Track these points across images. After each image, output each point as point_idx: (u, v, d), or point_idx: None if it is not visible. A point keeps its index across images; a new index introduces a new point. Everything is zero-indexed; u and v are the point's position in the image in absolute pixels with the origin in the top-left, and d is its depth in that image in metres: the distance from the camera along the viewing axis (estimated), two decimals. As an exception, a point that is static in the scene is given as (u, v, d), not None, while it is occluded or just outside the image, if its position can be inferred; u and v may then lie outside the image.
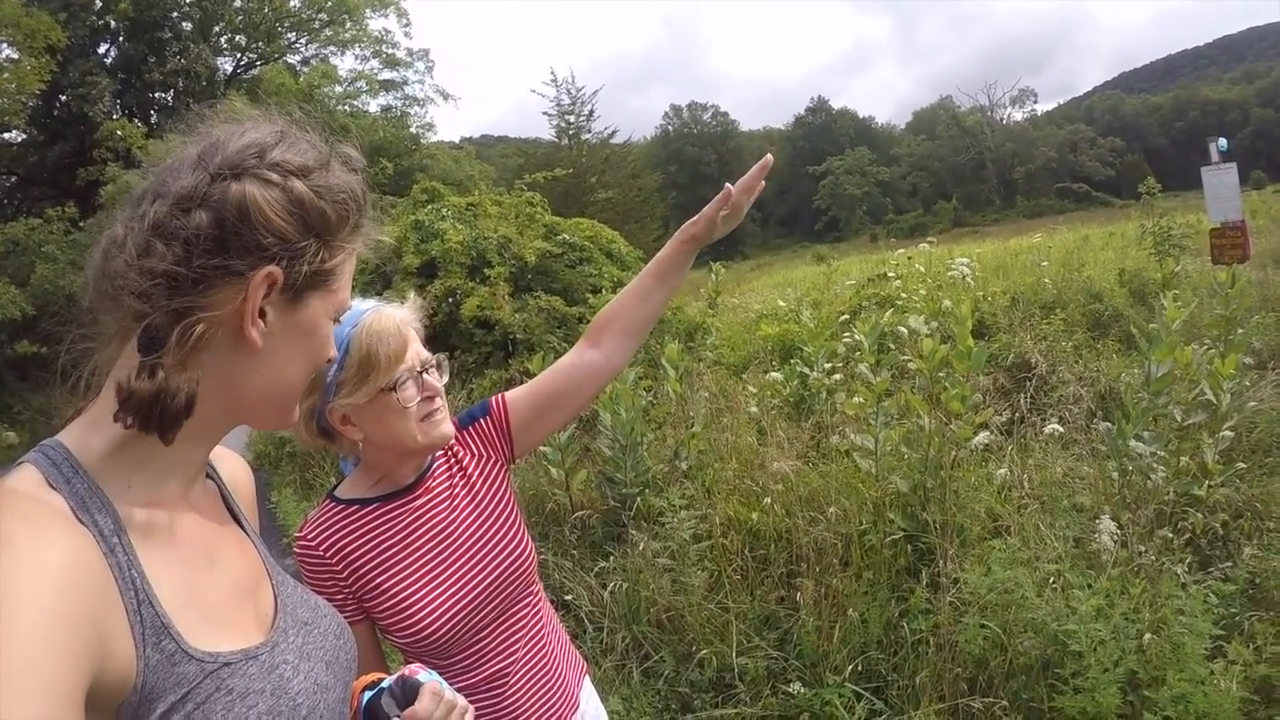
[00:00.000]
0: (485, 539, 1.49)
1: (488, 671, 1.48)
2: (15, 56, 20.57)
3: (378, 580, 1.43)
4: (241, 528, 1.02)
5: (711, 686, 3.18)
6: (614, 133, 33.52)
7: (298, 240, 0.85)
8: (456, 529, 1.48)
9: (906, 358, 4.45)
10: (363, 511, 1.47)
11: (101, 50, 26.03)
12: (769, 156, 1.53)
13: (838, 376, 5.20)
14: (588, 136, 31.81)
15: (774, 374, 5.82)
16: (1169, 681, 2.31)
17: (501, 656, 1.48)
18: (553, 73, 47.89)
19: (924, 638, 2.90)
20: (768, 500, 3.90)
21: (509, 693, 1.48)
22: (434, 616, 1.41)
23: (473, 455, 1.55)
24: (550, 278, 8.07)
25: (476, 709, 1.47)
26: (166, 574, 0.80)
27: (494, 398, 1.58)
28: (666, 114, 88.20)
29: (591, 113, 31.90)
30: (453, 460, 1.55)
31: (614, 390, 4.46)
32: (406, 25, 33.15)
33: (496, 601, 1.47)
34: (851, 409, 4.26)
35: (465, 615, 1.43)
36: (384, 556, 1.44)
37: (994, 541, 3.11)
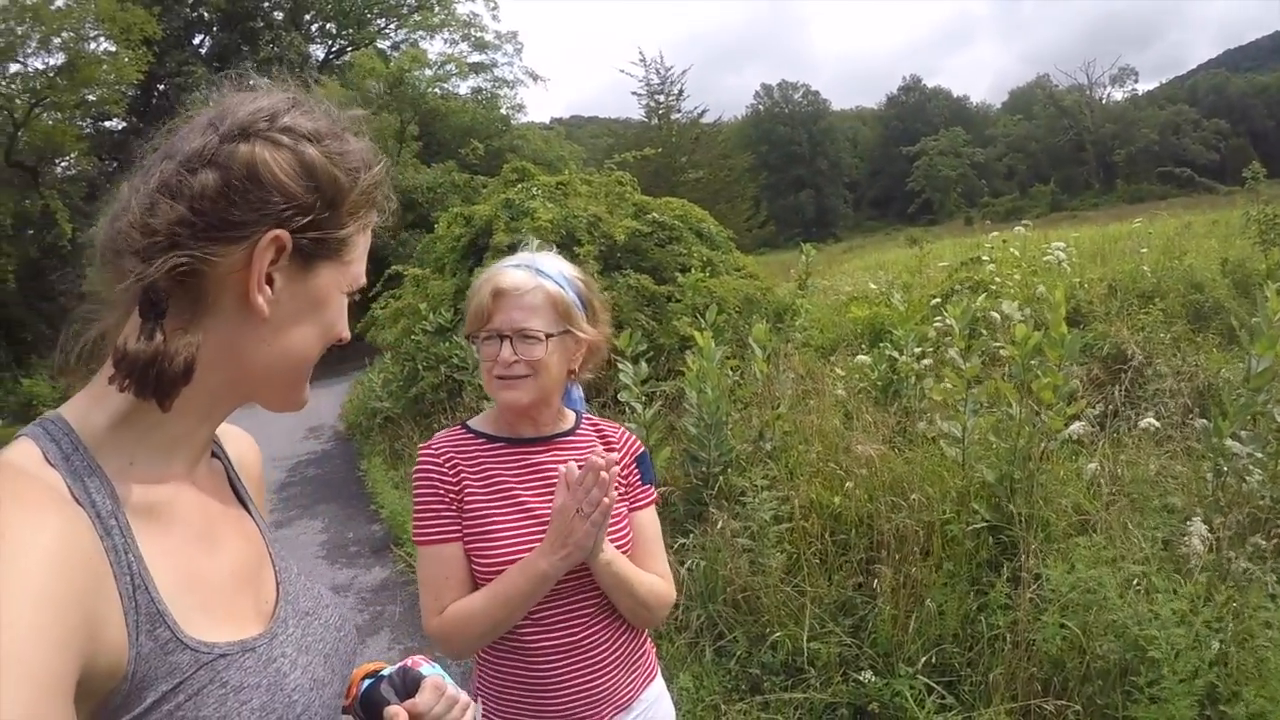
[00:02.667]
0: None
1: (541, 641, 1.51)
2: (113, 49, 21.55)
3: (479, 506, 1.52)
4: (247, 510, 0.99)
5: (782, 669, 3.18)
6: (704, 112, 33.49)
7: (308, 204, 0.82)
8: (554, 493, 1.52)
9: (998, 344, 4.30)
10: (488, 445, 1.59)
11: (196, 41, 27.16)
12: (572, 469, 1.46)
13: (927, 361, 5.07)
14: (677, 116, 31.68)
15: (862, 357, 5.70)
16: (1247, 698, 2.20)
17: (559, 631, 1.51)
18: (641, 52, 47.68)
19: (1001, 634, 2.84)
20: (850, 484, 3.85)
21: (552, 671, 1.51)
22: (515, 560, 1.47)
23: (623, 466, 1.62)
24: (640, 256, 8.05)
25: (518, 675, 1.53)
26: (164, 559, 0.77)
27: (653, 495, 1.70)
28: (757, 93, 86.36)
29: (681, 92, 31.93)
30: (603, 446, 1.64)
31: (700, 369, 4.46)
32: (494, 8, 33.49)
33: (576, 577, 1.50)
34: (940, 395, 4.15)
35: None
36: (492, 488, 1.54)
37: (1079, 538, 3.01)
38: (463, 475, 1.55)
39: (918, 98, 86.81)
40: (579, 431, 1.66)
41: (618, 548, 1.54)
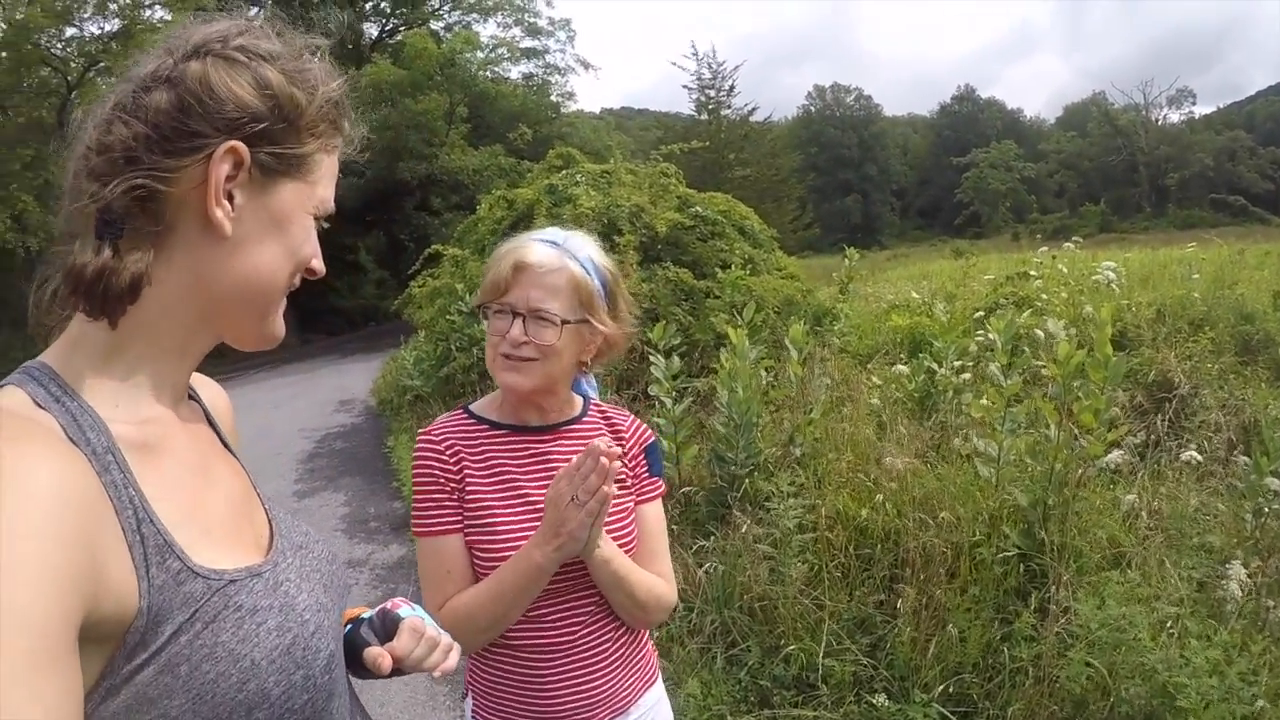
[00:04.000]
0: None
1: (536, 639, 1.44)
2: (168, 18, 21.85)
3: (481, 496, 1.45)
4: (228, 450, 0.99)
5: (794, 684, 3.10)
6: (754, 110, 33.34)
7: (263, 115, 0.81)
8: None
9: (1040, 363, 4.18)
10: (491, 432, 1.52)
11: (251, 14, 27.48)
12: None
13: (966, 376, 4.95)
14: (727, 112, 31.59)
15: (900, 367, 5.60)
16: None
17: (555, 629, 1.45)
18: (693, 46, 47.56)
19: (1023, 667, 2.73)
20: (879, 497, 3.75)
21: (546, 671, 1.45)
22: (513, 551, 1.41)
23: (625, 455, 1.55)
24: (680, 249, 7.97)
25: (511, 673, 1.47)
26: (164, 491, 0.78)
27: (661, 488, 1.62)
28: (809, 94, 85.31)
29: (732, 88, 31.84)
30: (612, 435, 1.57)
31: (733, 367, 4.38)
32: (549, -5, 33.31)
33: (574, 573, 1.43)
34: (977, 411, 4.04)
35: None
36: (495, 477, 1.47)
37: (1112, 572, 2.90)
38: (464, 463, 1.47)
39: (970, 108, 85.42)
40: (586, 419, 1.58)
41: (623, 543, 1.47)
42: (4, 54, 21.71)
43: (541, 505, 1.42)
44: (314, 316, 28.30)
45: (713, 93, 31.64)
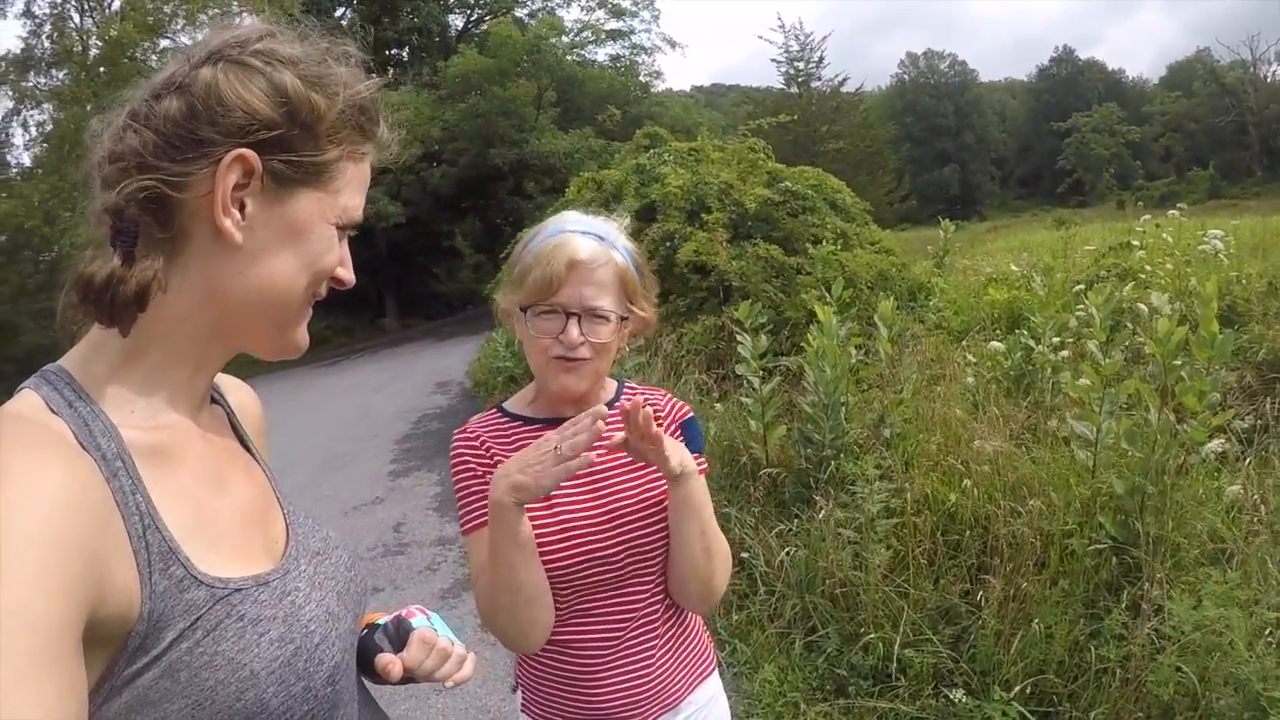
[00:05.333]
0: (635, 501, 1.43)
1: (581, 635, 1.43)
2: (257, 22, 22.71)
3: None
4: (252, 456, 1.00)
5: (872, 674, 3.02)
6: (844, 80, 32.73)
7: (276, 123, 0.80)
8: (610, 479, 1.44)
9: (1143, 340, 3.93)
10: (525, 428, 1.48)
11: (339, 14, 28.09)
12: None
13: (1065, 353, 4.72)
14: (817, 84, 31.03)
15: (995, 344, 5.35)
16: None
17: (602, 625, 1.43)
18: (779, 18, 46.71)
19: (1111, 668, 2.59)
20: (969, 482, 3.61)
21: (593, 668, 1.43)
22: (554, 550, 1.37)
23: (668, 431, 1.50)
24: (771, 226, 7.80)
25: (556, 668, 1.45)
26: (173, 499, 0.78)
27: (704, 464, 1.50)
28: (902, 62, 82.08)
29: (821, 60, 31.38)
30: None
31: (820, 346, 4.28)
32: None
33: (618, 567, 1.41)
34: (1075, 391, 3.83)
35: (584, 563, 1.39)
36: None
37: (1210, 570, 2.70)
38: (498, 460, 1.43)
39: (1070, 70, 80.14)
40: (620, 403, 1.51)
41: (654, 518, 1.42)
42: (103, 69, 22.99)
43: (588, 482, 1.41)
44: (413, 302, 29.12)
45: (801, 65, 31.31)
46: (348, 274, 0.90)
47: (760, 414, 4.47)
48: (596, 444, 1.21)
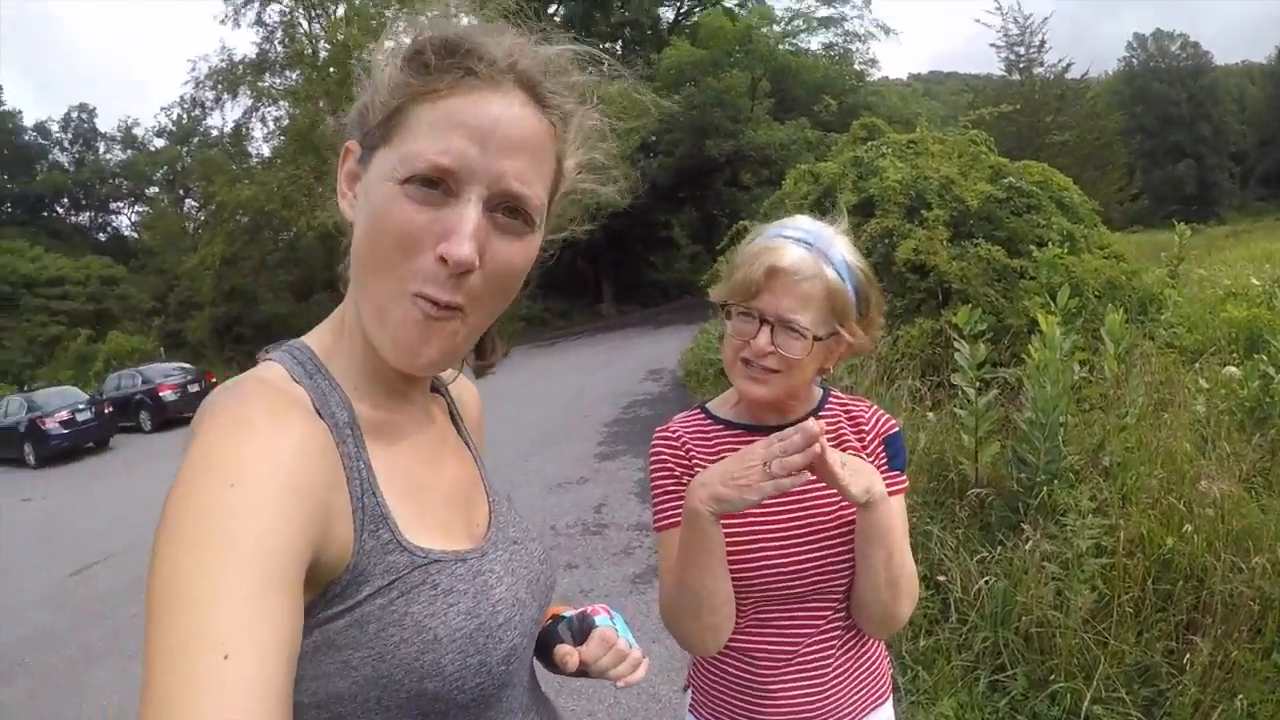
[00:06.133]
0: (829, 519, 1.40)
1: (759, 644, 1.43)
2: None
3: None
4: (465, 443, 1.06)
5: (1055, 727, 2.87)
6: (1069, 66, 30.50)
7: (360, 112, 0.86)
8: (805, 494, 1.40)
9: None
10: (727, 431, 1.49)
11: (551, 10, 29.04)
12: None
13: (1312, 385, 4.22)
14: (1039, 71, 28.83)
15: (1231, 369, 4.87)
16: None
17: (781, 636, 1.43)
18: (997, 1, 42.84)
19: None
20: (1189, 527, 3.33)
21: (766, 677, 1.43)
22: (741, 559, 1.37)
23: (865, 446, 1.48)
24: (993, 225, 7.38)
25: (729, 674, 1.47)
26: (390, 470, 0.85)
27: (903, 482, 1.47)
28: (1130, 44, 72.54)
29: (1043, 44, 29.06)
30: (851, 427, 1.50)
31: (1042, 359, 4.01)
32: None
33: (804, 582, 1.40)
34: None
35: (769, 575, 1.38)
36: None
37: None
38: (696, 461, 1.45)
39: None
40: (824, 413, 1.49)
41: (846, 538, 1.38)
42: (332, 69, 24.86)
43: (770, 505, 1.38)
44: (629, 289, 29.90)
45: (1022, 50, 29.20)
46: (448, 247, 0.78)
47: (974, 428, 4.25)
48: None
